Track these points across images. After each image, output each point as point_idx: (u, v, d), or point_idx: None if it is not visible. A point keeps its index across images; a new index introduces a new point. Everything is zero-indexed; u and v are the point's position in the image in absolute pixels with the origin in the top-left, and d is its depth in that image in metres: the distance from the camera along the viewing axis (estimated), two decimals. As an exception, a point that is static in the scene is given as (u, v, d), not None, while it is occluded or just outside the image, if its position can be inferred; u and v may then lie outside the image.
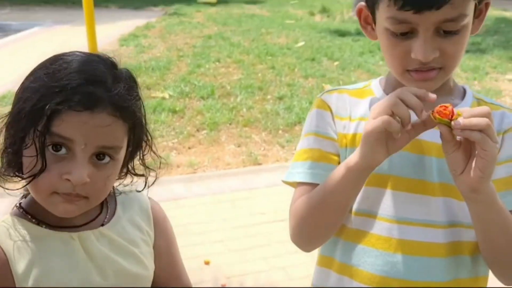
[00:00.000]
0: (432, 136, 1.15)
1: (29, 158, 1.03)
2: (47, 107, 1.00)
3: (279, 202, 3.86)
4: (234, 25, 10.33)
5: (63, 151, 1.04)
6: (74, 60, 1.07)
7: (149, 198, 1.30)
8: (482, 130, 1.01)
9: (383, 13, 1.16)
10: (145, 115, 1.17)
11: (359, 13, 1.27)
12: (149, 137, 1.20)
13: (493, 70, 7.66)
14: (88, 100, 1.02)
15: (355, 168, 1.13)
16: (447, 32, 1.13)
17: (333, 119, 1.31)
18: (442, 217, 1.22)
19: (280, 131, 5.35)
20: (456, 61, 1.18)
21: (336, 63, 7.69)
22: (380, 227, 1.24)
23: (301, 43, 8.81)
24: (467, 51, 8.35)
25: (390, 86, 1.29)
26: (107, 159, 1.08)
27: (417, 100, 1.06)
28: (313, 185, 1.26)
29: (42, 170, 1.03)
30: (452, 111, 1.04)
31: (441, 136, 1.07)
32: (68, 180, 1.03)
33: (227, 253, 3.42)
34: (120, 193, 1.26)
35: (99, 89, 1.04)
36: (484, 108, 1.04)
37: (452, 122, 1.03)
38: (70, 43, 8.33)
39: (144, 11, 12.06)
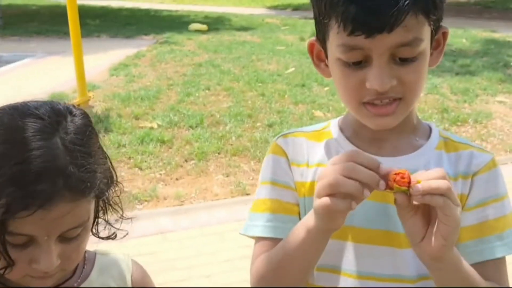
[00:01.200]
0: None
1: None
2: None
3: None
4: (224, 52, 10.33)
5: (26, 240, 0.95)
6: (17, 136, 0.93)
7: (132, 261, 1.22)
8: (443, 194, 0.92)
9: (334, 42, 1.08)
10: (107, 156, 1.07)
11: (311, 49, 1.19)
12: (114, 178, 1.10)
13: (483, 92, 7.64)
14: (40, 200, 0.90)
15: (315, 231, 1.03)
16: (403, 59, 1.04)
17: (289, 166, 1.21)
18: (411, 270, 1.13)
19: (269, 160, 5.29)
20: (416, 91, 1.09)
21: (326, 88, 7.66)
22: (345, 284, 1.15)
23: (291, 69, 8.79)
24: (456, 74, 8.43)
25: (348, 126, 1.22)
26: (75, 232, 0.99)
27: (368, 173, 0.95)
28: (273, 239, 1.17)
29: (10, 265, 0.95)
30: (410, 178, 0.94)
31: (396, 203, 0.97)
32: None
33: (214, 289, 3.35)
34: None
35: (51, 183, 0.91)
36: (439, 171, 0.95)
37: (411, 189, 0.93)
38: (61, 74, 8.32)
39: (135, 40, 12.06)
